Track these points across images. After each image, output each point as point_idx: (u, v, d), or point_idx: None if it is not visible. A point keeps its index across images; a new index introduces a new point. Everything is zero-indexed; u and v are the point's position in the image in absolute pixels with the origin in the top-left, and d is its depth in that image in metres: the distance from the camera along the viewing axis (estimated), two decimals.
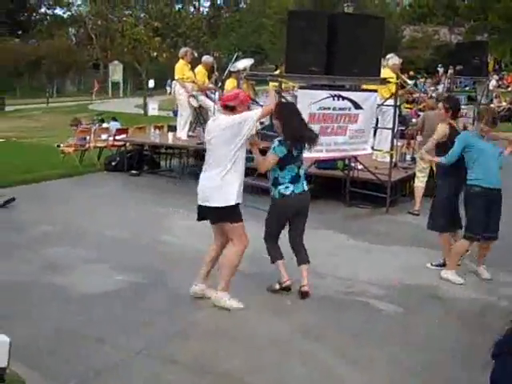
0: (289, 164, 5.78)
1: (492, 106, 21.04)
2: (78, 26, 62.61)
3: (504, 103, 25.71)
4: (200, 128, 13.30)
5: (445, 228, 6.78)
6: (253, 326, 5.28)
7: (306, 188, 5.94)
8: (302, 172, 5.94)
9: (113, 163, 12.62)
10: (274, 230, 5.99)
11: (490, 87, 24.18)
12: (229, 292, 5.61)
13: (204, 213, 5.61)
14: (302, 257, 6.02)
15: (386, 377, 4.52)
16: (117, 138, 13.39)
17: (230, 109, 5.47)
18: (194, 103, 12.52)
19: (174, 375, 4.43)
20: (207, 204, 5.47)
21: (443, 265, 6.83)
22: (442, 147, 6.65)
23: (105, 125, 15.57)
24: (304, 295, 5.85)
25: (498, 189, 6.41)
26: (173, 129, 13.62)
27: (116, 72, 49.63)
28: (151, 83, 33.34)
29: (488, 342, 5.08)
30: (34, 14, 63.38)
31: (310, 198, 6.02)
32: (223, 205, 5.41)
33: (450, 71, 23.27)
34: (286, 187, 5.80)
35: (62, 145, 13.05)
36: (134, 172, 12.26)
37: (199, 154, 13.03)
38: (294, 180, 5.82)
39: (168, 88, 34.71)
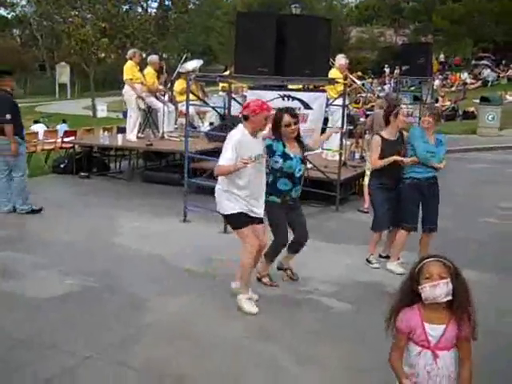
0: None
1: (437, 105, 21.52)
2: (23, 27, 61.38)
3: (448, 102, 26.32)
4: (149, 129, 13.25)
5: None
6: (205, 328, 5.27)
7: None
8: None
9: (61, 166, 12.43)
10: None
11: (435, 87, 24.72)
12: (246, 294, 5.66)
13: None
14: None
15: (339, 375, 4.57)
16: (65, 140, 13.20)
17: (244, 119, 5.50)
18: (142, 105, 12.44)
19: (126, 380, 4.40)
20: None
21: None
22: None
23: (57, 127, 15.35)
24: None
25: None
26: (122, 130, 13.50)
27: (63, 73, 48.86)
28: (102, 110, 32.74)
29: None
30: None
31: None
32: (221, 212, 5.65)
33: (396, 71, 23.73)
34: None
35: None
36: (83, 174, 12.10)
37: (149, 156, 13.00)
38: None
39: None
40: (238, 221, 5.54)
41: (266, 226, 5.88)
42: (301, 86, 10.00)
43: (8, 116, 8.54)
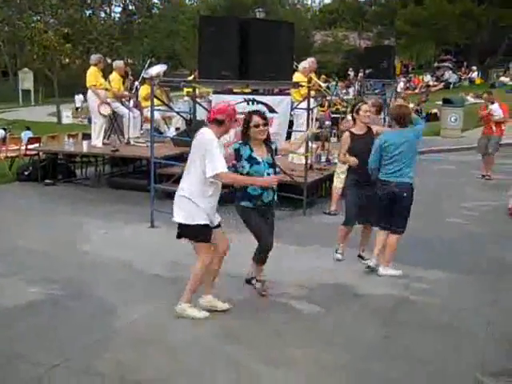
0: None
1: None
2: None
3: (412, 105, 26.61)
4: (114, 135, 13.16)
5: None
6: (173, 333, 5.27)
7: None
8: None
9: (25, 173, 12.28)
10: None
11: (398, 89, 24.98)
12: (190, 303, 5.60)
13: None
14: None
15: (307, 376, 4.61)
16: (29, 147, 13.03)
17: (219, 123, 5.43)
18: (105, 111, 12.34)
19: None
20: None
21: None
22: None
23: (21, 134, 15.12)
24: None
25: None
26: (88, 137, 13.38)
27: (26, 80, 48.12)
28: (78, 101, 32.35)
29: (402, 335, 5.33)
30: None
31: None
32: (187, 222, 5.40)
33: (360, 74, 23.93)
34: None
35: None
36: (48, 181, 11.96)
37: (115, 162, 12.92)
38: None
39: (77, 101, 33.54)
40: (203, 233, 5.42)
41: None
42: (249, 90, 10.04)
43: None
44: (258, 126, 5.77)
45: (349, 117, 11.52)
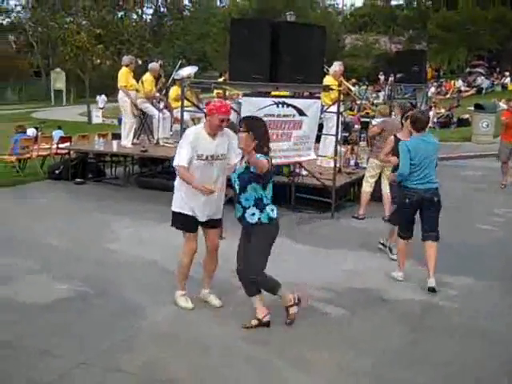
0: (269, 181, 5.31)
1: (431, 112, 21.61)
2: (18, 33, 61.31)
3: (443, 110, 26.40)
4: (144, 136, 13.25)
5: None
6: (198, 332, 5.27)
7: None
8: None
9: (56, 171, 12.44)
10: (264, 261, 5.39)
11: (429, 94, 24.79)
12: (181, 292, 5.82)
13: None
14: None
15: (332, 379, 4.59)
16: (60, 146, 13.21)
17: (205, 116, 5.61)
18: (135, 112, 12.44)
19: None
20: None
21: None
22: None
23: (53, 133, 15.35)
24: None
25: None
26: (117, 137, 13.51)
27: (58, 80, 48.78)
28: (101, 102, 32.69)
29: (429, 341, 5.28)
30: None
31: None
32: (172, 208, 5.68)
33: (391, 79, 23.79)
34: (272, 209, 5.31)
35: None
36: (78, 180, 12.10)
37: (144, 162, 13.02)
38: (272, 201, 5.37)
39: (100, 102, 33.80)
40: (178, 221, 5.64)
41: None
42: (288, 93, 10.03)
43: None
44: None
45: (374, 122, 11.51)
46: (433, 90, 33.18)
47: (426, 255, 6.65)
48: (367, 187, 9.72)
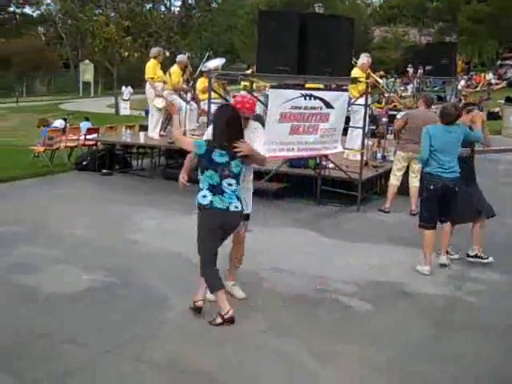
0: (207, 168, 5.15)
1: (460, 105, 21.29)
2: (48, 25, 61.95)
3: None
4: (171, 127, 13.28)
5: None
6: (226, 325, 5.28)
7: (234, 208, 5.19)
8: (232, 188, 5.18)
9: (84, 163, 12.54)
10: (204, 248, 5.27)
11: (459, 87, 24.47)
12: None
13: None
14: None
15: (355, 373, 4.56)
16: (88, 137, 13.31)
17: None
18: (159, 104, 12.45)
19: (144, 374, 4.42)
20: None
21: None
22: None
23: (80, 124, 15.49)
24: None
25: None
26: (144, 128, 13.56)
27: (87, 72, 49.20)
28: (126, 93, 32.80)
29: (452, 336, 5.21)
30: (3, 13, 62.54)
31: (239, 219, 5.39)
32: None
33: (420, 71, 23.52)
34: (204, 196, 5.17)
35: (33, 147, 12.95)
36: (105, 171, 12.18)
37: (171, 154, 13.05)
38: (215, 191, 5.14)
39: (125, 93, 33.76)
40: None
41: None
42: (321, 86, 9.97)
43: None
44: None
45: (398, 116, 11.41)
46: (463, 82, 32.73)
47: (440, 233, 6.81)
48: (394, 180, 9.66)
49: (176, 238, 7.76)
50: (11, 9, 63.24)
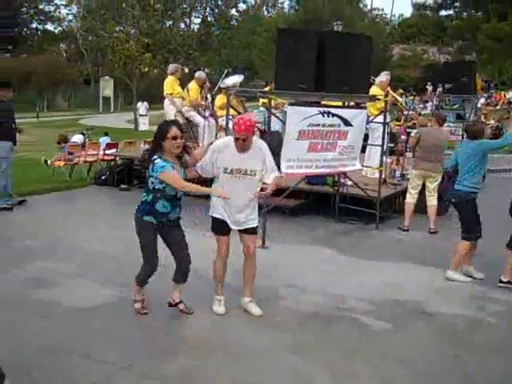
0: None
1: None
2: (69, 42, 62.68)
3: (492, 121, 25.89)
4: (190, 143, 13.32)
5: None
6: (242, 342, 5.25)
7: None
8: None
9: (102, 177, 12.61)
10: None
11: (479, 105, 24.37)
12: (217, 297, 5.94)
13: None
14: None
15: None
16: (107, 152, 13.39)
17: None
18: (181, 120, 12.50)
19: None
20: None
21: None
22: None
23: (100, 139, 15.62)
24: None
25: None
26: None
27: (107, 87, 49.65)
28: (142, 109, 32.89)
29: (473, 357, 5.13)
30: (25, 29, 63.42)
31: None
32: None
33: (439, 89, 23.46)
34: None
35: (49, 161, 13.02)
36: (123, 186, 12.24)
37: None
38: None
39: (141, 109, 33.73)
40: (213, 225, 5.82)
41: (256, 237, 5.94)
42: (341, 103, 9.96)
43: None
44: (176, 138, 5.30)
45: (412, 133, 11.38)
46: (482, 100, 32.59)
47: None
48: (409, 199, 9.65)
49: (194, 253, 7.72)
50: (33, 25, 64.11)
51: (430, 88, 38.55)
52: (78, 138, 15.41)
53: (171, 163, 5.34)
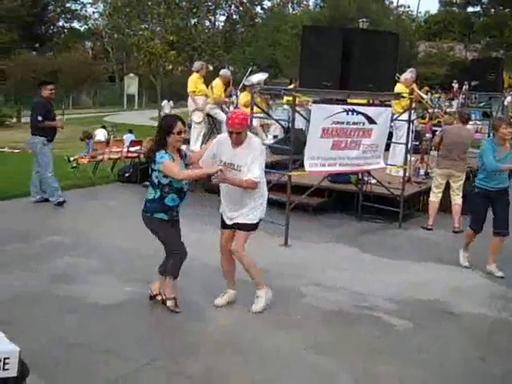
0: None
1: None
2: (95, 40, 63.21)
3: None
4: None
5: None
6: (263, 340, 5.24)
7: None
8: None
9: (126, 174, 12.68)
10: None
11: (506, 103, 24.04)
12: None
13: None
14: None
15: None
16: (131, 149, 13.46)
17: None
18: (198, 118, 12.52)
19: None
20: None
21: None
22: None
23: (124, 136, 15.71)
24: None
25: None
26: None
27: (131, 85, 49.98)
28: (167, 107, 32.90)
29: (496, 358, 5.07)
30: (52, 27, 64.08)
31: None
32: None
33: (465, 87, 23.20)
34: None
35: (71, 158, 13.11)
36: (147, 183, 12.26)
37: None
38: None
39: (166, 107, 33.70)
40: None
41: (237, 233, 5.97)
42: (365, 101, 9.91)
43: (39, 118, 9.98)
44: (180, 133, 5.50)
45: (437, 132, 11.26)
46: (509, 98, 32.16)
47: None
48: (433, 197, 9.57)
49: (213, 250, 7.74)
50: (60, 23, 64.79)
51: (455, 85, 38.17)
52: (102, 134, 15.50)
53: (171, 155, 5.49)
